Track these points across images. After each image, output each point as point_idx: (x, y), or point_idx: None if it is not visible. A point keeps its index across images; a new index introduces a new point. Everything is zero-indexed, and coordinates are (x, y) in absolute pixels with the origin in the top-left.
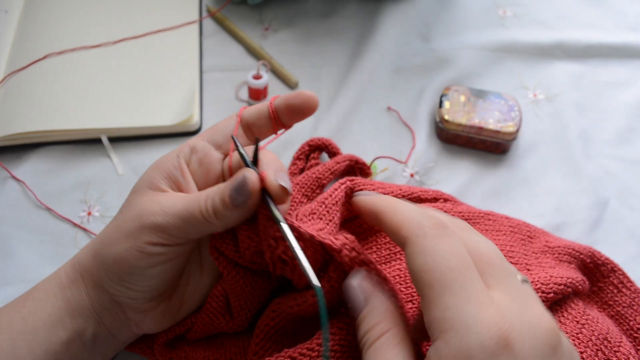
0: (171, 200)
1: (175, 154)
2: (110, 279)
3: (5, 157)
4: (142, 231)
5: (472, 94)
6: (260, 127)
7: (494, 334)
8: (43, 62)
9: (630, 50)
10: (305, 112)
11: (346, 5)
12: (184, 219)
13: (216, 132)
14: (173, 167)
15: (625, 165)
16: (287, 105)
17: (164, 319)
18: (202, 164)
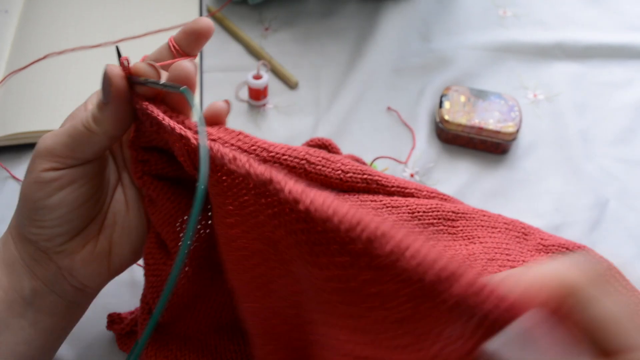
0: (61, 127)
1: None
2: (24, 223)
3: (5, 157)
4: (35, 160)
5: (472, 94)
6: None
7: None
8: (43, 62)
9: (630, 50)
10: (203, 33)
11: (346, 5)
12: (69, 135)
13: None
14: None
15: (625, 166)
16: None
17: (95, 262)
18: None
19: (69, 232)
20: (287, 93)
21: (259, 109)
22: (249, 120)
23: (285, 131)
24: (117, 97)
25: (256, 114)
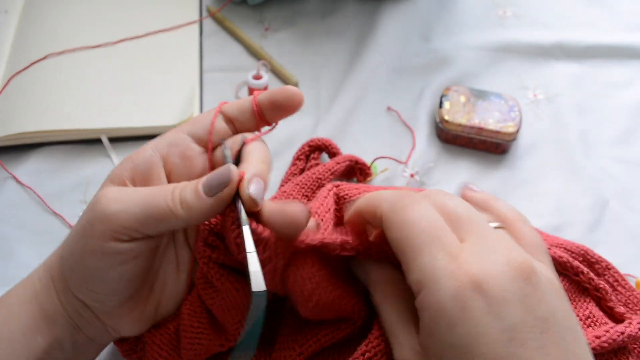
0: (132, 190)
1: (149, 146)
2: (74, 283)
3: (5, 157)
4: (98, 226)
5: (472, 94)
6: (243, 122)
7: (462, 282)
8: (43, 62)
9: (630, 50)
10: (289, 109)
11: (346, 5)
12: (146, 210)
13: (196, 125)
14: (142, 160)
15: (625, 166)
16: (270, 101)
17: (141, 323)
18: (185, 158)
19: (120, 300)
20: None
21: None
22: None
23: (285, 131)
24: (225, 200)
25: None
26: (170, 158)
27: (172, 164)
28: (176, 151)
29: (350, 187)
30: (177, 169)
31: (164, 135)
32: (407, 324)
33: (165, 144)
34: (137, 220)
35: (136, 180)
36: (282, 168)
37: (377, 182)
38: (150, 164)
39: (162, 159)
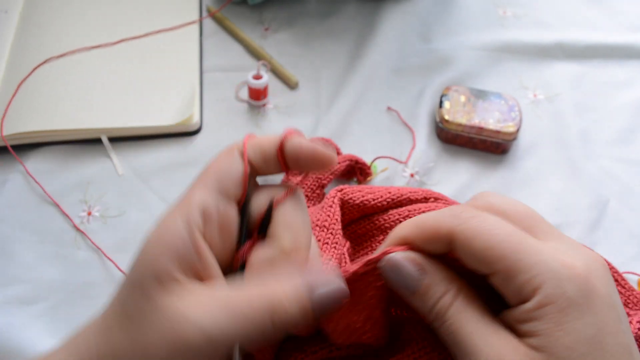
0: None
1: (182, 222)
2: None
3: (5, 157)
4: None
5: (472, 94)
6: (261, 165)
7: (580, 275)
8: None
9: (630, 50)
10: (317, 168)
11: (346, 6)
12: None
13: (223, 178)
14: (184, 245)
15: (625, 166)
16: (298, 157)
17: None
18: (223, 230)
19: None
20: (287, 93)
21: (259, 109)
22: (249, 120)
23: None
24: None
25: (256, 114)
26: (208, 234)
27: (211, 239)
28: (214, 225)
29: (353, 190)
30: (214, 244)
31: (193, 201)
32: (490, 339)
33: (198, 217)
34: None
35: (187, 270)
36: None
37: (377, 181)
38: (197, 250)
39: (201, 234)
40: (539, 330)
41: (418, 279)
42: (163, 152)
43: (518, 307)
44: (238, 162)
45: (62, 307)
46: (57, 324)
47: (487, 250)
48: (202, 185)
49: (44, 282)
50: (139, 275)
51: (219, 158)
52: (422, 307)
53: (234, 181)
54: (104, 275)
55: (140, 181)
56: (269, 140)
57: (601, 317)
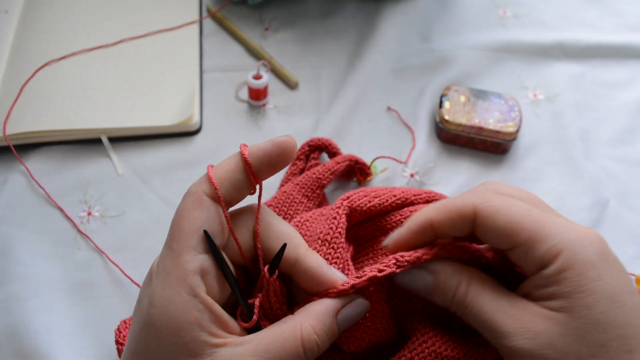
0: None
1: (186, 293)
2: None
3: (5, 157)
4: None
5: (472, 94)
6: (233, 194)
7: (594, 237)
8: (43, 61)
9: (630, 50)
10: (285, 162)
11: (346, 6)
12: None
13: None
14: (199, 312)
15: (625, 166)
16: (266, 162)
17: None
18: (220, 278)
19: None
20: (287, 93)
21: (259, 109)
22: (249, 120)
23: (285, 131)
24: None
25: (256, 114)
26: (210, 290)
27: (213, 293)
28: (212, 280)
29: (360, 196)
30: (216, 292)
31: (185, 265)
32: (510, 311)
33: (199, 280)
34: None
35: (211, 334)
36: None
37: (377, 182)
38: (211, 310)
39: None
40: (560, 293)
41: (431, 281)
42: (163, 152)
43: (537, 274)
44: (212, 210)
45: (61, 306)
46: (56, 323)
47: (510, 224)
48: (188, 247)
49: (43, 280)
50: (169, 358)
51: (191, 209)
52: (442, 302)
53: (217, 233)
54: (103, 275)
55: (140, 181)
56: (229, 166)
57: (619, 277)
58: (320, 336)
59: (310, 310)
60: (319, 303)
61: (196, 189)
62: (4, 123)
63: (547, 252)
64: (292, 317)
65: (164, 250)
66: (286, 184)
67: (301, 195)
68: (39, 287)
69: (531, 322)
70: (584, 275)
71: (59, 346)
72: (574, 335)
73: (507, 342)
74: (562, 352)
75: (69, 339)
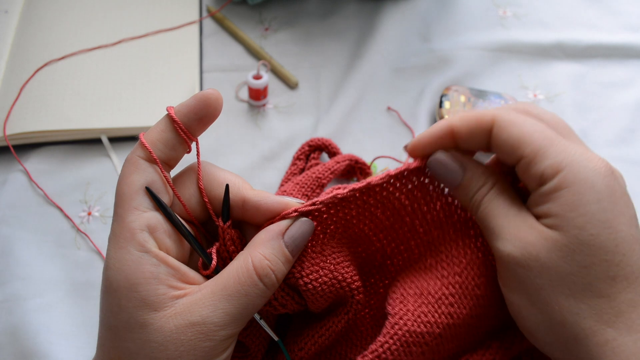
0: (212, 309)
1: (136, 250)
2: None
3: (5, 157)
4: (208, 356)
5: (472, 94)
6: (169, 154)
7: (603, 166)
8: (43, 61)
9: (630, 50)
10: (213, 115)
11: (346, 6)
12: (245, 315)
13: (143, 193)
14: (153, 266)
15: (625, 166)
16: (191, 113)
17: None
18: (171, 235)
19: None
20: (287, 93)
21: (259, 109)
22: (249, 120)
23: (285, 131)
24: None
25: (256, 114)
26: (162, 245)
27: (166, 248)
28: (163, 235)
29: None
30: (170, 247)
31: (131, 225)
32: (513, 219)
33: (147, 235)
34: (241, 326)
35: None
36: (282, 168)
37: None
38: (166, 262)
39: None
40: (555, 211)
41: (461, 174)
42: None
43: (537, 191)
44: (150, 171)
45: (61, 306)
46: (57, 323)
47: (520, 136)
48: (131, 208)
49: (43, 281)
50: (131, 318)
51: (128, 174)
52: (463, 197)
53: (160, 191)
54: None
55: None
56: (159, 127)
57: (619, 208)
58: (271, 260)
59: (256, 240)
60: (263, 231)
61: (131, 156)
62: (4, 123)
63: (548, 168)
64: (242, 252)
65: (113, 218)
66: (286, 183)
67: (301, 195)
68: (39, 287)
69: (526, 233)
70: (581, 196)
71: (59, 346)
72: (560, 253)
73: (500, 245)
74: (545, 267)
75: (69, 338)
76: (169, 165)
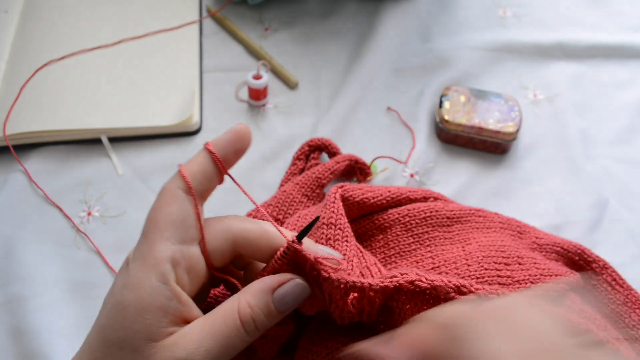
0: (197, 346)
1: (156, 279)
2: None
3: (5, 157)
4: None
5: (472, 94)
6: (206, 185)
7: None
8: (43, 61)
9: (630, 50)
10: (244, 149)
11: (346, 6)
12: (225, 356)
13: (179, 227)
14: (167, 299)
15: (625, 166)
16: (229, 147)
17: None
18: (190, 271)
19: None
20: (287, 93)
21: (258, 109)
22: (249, 120)
23: (285, 131)
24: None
25: (256, 114)
26: (179, 280)
27: (182, 283)
28: (182, 270)
29: (353, 187)
30: (185, 283)
31: (158, 255)
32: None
33: (170, 269)
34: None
35: (175, 320)
36: (282, 168)
37: (377, 181)
38: (178, 299)
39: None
40: None
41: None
42: (163, 152)
43: None
44: (186, 204)
45: (62, 306)
46: (57, 323)
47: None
48: (162, 238)
49: (43, 281)
50: (128, 338)
51: (165, 204)
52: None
53: (190, 226)
54: (104, 275)
55: (140, 181)
56: (198, 160)
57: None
58: (254, 311)
59: (248, 288)
60: (258, 281)
61: (170, 185)
62: (4, 123)
63: None
64: (235, 295)
65: (141, 239)
66: (286, 183)
67: (301, 195)
68: (39, 287)
69: None
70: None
71: (60, 347)
72: None
73: None
74: None
75: (69, 339)
76: (202, 197)
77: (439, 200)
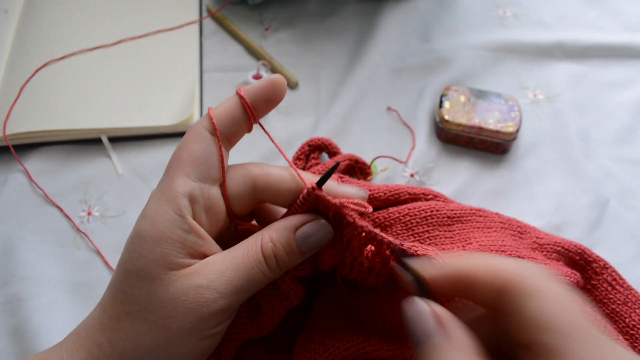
0: (218, 275)
1: (174, 212)
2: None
3: (5, 157)
4: (202, 323)
5: (472, 94)
6: (233, 129)
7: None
8: (43, 61)
9: (630, 50)
10: (277, 99)
11: (346, 6)
12: (246, 290)
13: (201, 165)
14: (184, 232)
15: (625, 166)
16: (262, 99)
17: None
18: (208, 211)
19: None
20: (287, 93)
21: None
22: None
23: (285, 131)
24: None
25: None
26: (197, 216)
27: (200, 220)
28: (200, 208)
29: (352, 182)
30: (204, 222)
31: (176, 191)
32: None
33: (187, 203)
34: (241, 301)
35: (191, 252)
36: None
37: (377, 181)
38: (196, 233)
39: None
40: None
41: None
42: (163, 152)
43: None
44: (211, 144)
45: (62, 306)
46: (57, 323)
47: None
48: (182, 174)
49: (43, 281)
50: (146, 268)
51: (190, 142)
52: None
53: (212, 166)
54: (104, 275)
55: (139, 181)
56: (228, 104)
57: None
58: (276, 246)
59: (273, 224)
60: (283, 220)
61: (197, 126)
62: (4, 123)
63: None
64: (260, 231)
65: (163, 176)
66: None
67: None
68: (39, 287)
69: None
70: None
71: None
72: None
73: None
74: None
75: None
76: (229, 141)
77: (438, 198)
